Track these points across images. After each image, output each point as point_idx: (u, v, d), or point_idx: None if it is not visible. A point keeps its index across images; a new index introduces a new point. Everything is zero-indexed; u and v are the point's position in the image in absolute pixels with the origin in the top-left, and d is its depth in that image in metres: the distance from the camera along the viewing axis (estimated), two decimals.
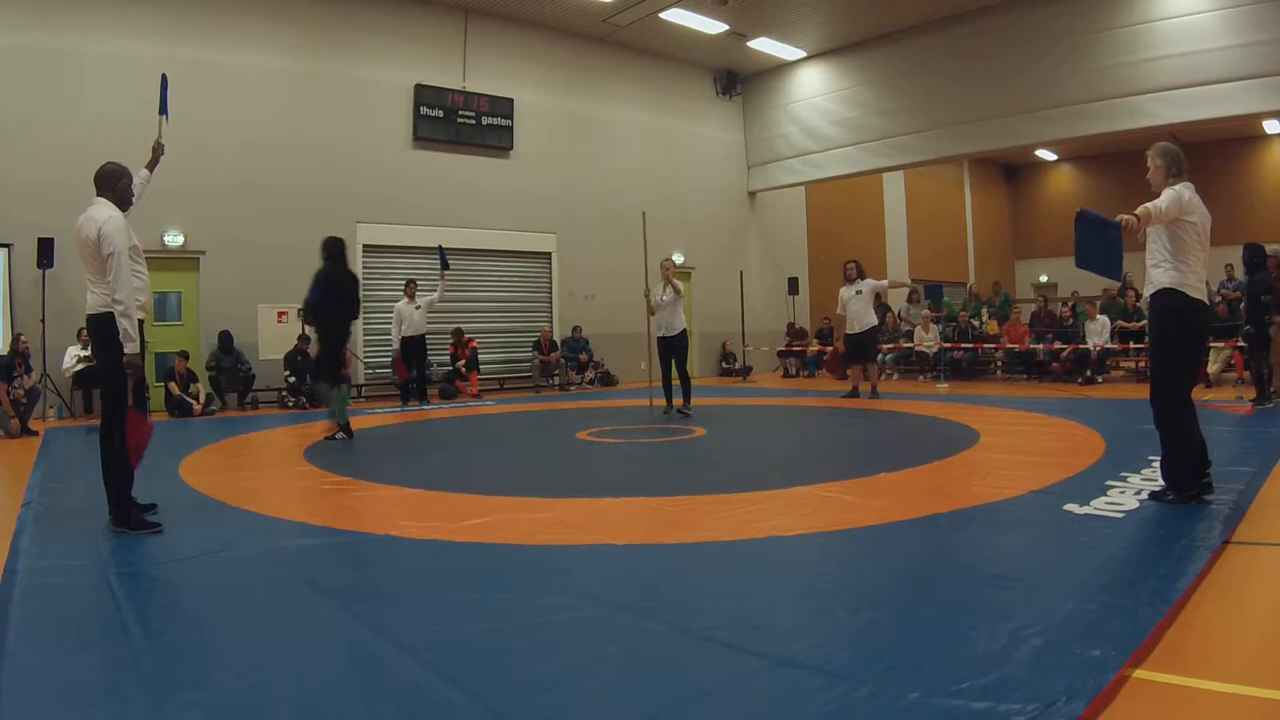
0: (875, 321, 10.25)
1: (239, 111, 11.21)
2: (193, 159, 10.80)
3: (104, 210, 4.00)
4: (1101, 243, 3.63)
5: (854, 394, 10.35)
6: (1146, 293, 3.93)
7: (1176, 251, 3.79)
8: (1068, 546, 3.28)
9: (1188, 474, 3.86)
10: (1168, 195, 3.78)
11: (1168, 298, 3.82)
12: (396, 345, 11.11)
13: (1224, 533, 3.35)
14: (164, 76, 5.04)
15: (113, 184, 4.15)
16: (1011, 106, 13.13)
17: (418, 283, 11.39)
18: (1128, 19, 11.81)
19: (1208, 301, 3.99)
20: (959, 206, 23.42)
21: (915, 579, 3.06)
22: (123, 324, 3.84)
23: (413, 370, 11.23)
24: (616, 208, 14.91)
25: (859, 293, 10.25)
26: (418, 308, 11.11)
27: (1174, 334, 3.82)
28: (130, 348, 3.87)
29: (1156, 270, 3.86)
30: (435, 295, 10.97)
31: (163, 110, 4.89)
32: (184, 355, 10.24)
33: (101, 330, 3.97)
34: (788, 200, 18.11)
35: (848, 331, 10.40)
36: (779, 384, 14.45)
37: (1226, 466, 4.76)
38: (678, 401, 8.96)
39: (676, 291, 8.79)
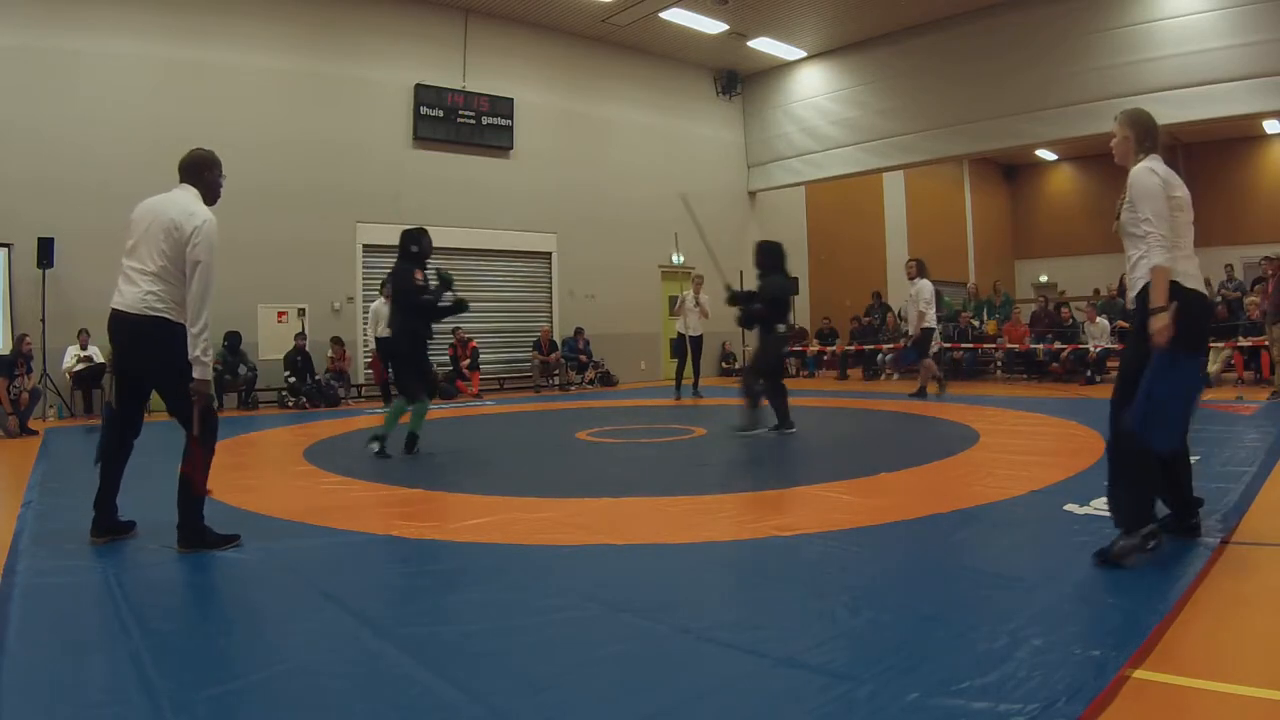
0: (931, 325, 10.28)
1: (239, 111, 11.19)
2: None
3: (200, 205, 3.36)
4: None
5: (921, 394, 10.19)
6: None
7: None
8: (1068, 546, 3.27)
9: None
10: (1145, 188, 2.96)
11: None
12: (372, 345, 10.93)
13: (1224, 533, 3.35)
14: None
15: (202, 173, 3.46)
16: (1011, 106, 13.13)
17: None
18: (1128, 19, 11.81)
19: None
20: (959, 206, 23.41)
21: (915, 579, 3.06)
22: (201, 345, 3.35)
23: (388, 370, 11.08)
24: (616, 208, 14.92)
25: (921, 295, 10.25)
26: None
27: None
28: (202, 372, 3.37)
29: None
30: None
31: None
32: None
33: (149, 335, 3.34)
34: (788, 200, 18.11)
35: (909, 331, 10.65)
36: None
37: (1226, 466, 4.77)
38: (687, 401, 10.61)
39: (704, 312, 10.98)
